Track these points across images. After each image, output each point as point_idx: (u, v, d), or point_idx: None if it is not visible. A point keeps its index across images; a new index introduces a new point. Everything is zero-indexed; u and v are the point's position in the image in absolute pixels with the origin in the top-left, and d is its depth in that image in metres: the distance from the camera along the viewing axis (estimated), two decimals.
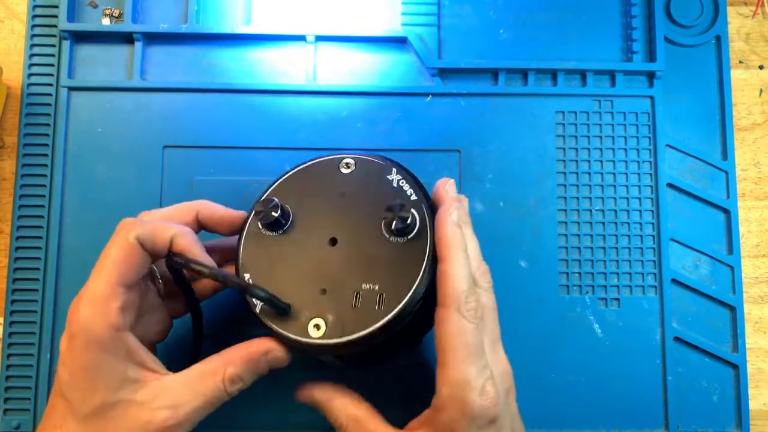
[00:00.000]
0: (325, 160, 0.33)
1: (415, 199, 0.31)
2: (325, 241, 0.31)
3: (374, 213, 0.31)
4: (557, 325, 0.40)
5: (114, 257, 0.28)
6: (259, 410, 0.38)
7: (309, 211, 0.32)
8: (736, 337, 0.40)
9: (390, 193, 0.31)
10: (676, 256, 0.41)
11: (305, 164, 0.33)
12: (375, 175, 0.32)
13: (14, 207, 0.39)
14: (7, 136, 0.42)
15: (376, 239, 0.31)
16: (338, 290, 0.30)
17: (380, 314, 0.29)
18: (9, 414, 0.38)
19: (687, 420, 0.39)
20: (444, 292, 0.28)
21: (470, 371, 0.27)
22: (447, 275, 0.28)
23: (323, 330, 0.29)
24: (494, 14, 0.43)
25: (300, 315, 0.30)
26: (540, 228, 0.40)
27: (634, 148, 0.41)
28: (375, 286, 0.30)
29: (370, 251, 0.31)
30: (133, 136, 0.40)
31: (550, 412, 0.39)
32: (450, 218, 0.29)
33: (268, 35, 0.41)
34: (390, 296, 0.29)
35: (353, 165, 0.33)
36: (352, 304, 0.30)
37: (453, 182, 0.32)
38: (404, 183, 0.32)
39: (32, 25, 0.41)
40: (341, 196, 0.32)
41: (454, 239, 0.29)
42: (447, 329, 0.28)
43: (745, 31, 0.45)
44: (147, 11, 0.42)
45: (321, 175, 0.33)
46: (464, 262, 0.29)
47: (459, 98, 0.41)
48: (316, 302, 0.30)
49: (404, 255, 0.30)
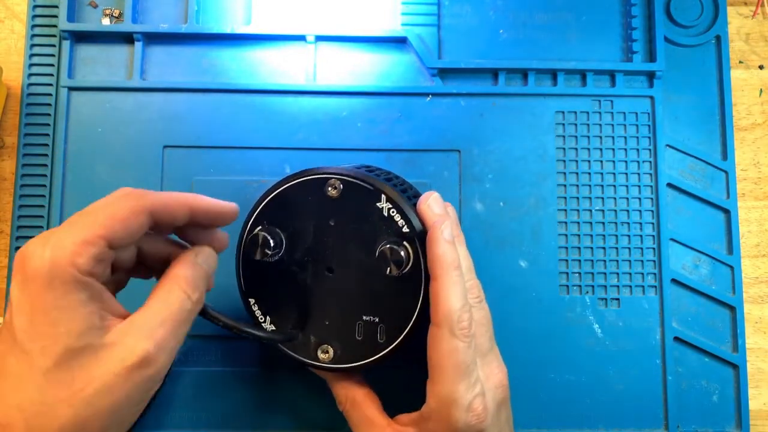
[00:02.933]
0: (310, 179, 0.32)
1: (407, 231, 0.30)
2: (321, 269, 0.32)
3: (367, 244, 0.31)
4: (557, 325, 0.40)
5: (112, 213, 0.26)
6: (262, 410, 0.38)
7: (301, 237, 0.32)
8: (736, 337, 0.40)
9: (381, 226, 0.31)
10: (676, 256, 0.41)
11: (289, 183, 0.32)
12: (364, 203, 0.31)
13: (14, 207, 0.39)
14: (7, 136, 0.42)
15: (372, 271, 0.31)
16: (340, 319, 0.31)
17: (383, 345, 0.31)
18: None
19: (687, 420, 0.39)
20: (436, 311, 0.28)
21: (459, 389, 0.27)
22: (439, 295, 0.28)
23: (331, 355, 0.31)
24: (494, 14, 0.43)
25: (308, 339, 0.32)
26: (540, 228, 0.40)
27: (634, 148, 0.41)
28: (375, 318, 0.31)
29: (367, 284, 0.31)
30: (133, 136, 0.40)
31: (550, 412, 0.39)
32: (442, 237, 0.29)
33: (268, 35, 0.41)
34: (390, 328, 0.31)
35: (340, 187, 0.31)
36: (355, 334, 0.31)
37: (436, 196, 0.31)
38: (394, 212, 0.30)
39: (32, 25, 0.41)
40: (331, 223, 0.31)
41: (446, 258, 0.29)
42: (439, 348, 0.28)
43: (745, 31, 0.45)
44: (147, 11, 0.42)
45: (307, 197, 0.32)
46: (457, 280, 0.29)
47: (459, 98, 0.41)
48: (321, 329, 0.32)
49: (401, 287, 0.30)
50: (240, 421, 0.38)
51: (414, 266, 0.30)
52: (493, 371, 0.30)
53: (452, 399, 0.27)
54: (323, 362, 0.31)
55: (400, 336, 0.30)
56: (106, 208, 0.26)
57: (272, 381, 0.39)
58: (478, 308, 0.30)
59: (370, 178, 0.31)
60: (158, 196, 0.27)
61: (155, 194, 0.27)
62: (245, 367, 0.38)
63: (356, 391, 0.32)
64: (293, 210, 0.32)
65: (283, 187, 0.32)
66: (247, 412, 0.38)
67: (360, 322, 0.31)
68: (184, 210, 0.28)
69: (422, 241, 0.30)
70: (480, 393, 0.28)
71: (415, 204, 0.31)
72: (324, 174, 0.31)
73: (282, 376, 0.38)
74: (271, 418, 0.38)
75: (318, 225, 0.32)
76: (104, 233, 0.25)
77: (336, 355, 0.31)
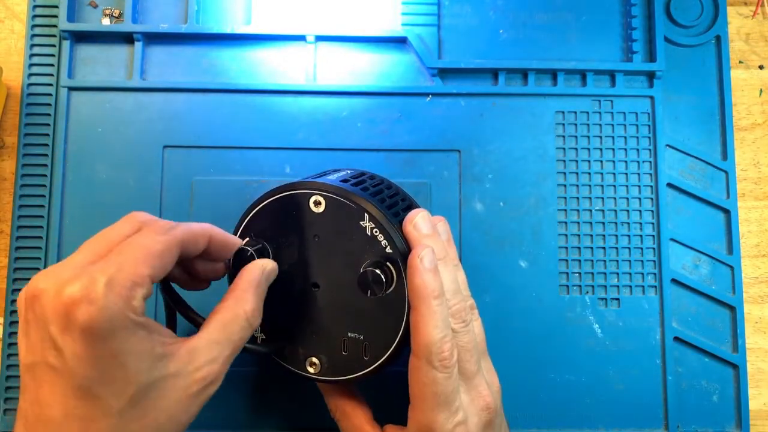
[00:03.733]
0: (294, 194, 0.31)
1: (390, 252, 0.29)
2: (307, 284, 0.32)
3: (350, 262, 0.30)
4: (557, 325, 0.40)
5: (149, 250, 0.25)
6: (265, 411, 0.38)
7: (287, 251, 0.32)
8: (736, 337, 0.40)
9: (364, 244, 0.30)
10: (676, 256, 0.41)
11: (273, 196, 0.32)
12: (347, 221, 0.30)
13: (14, 207, 0.39)
14: (7, 136, 0.42)
15: (356, 289, 0.29)
16: (326, 334, 0.31)
17: (368, 362, 0.31)
18: (9, 414, 0.38)
19: (687, 420, 0.39)
20: (416, 342, 0.28)
21: (438, 419, 0.28)
22: (418, 326, 0.28)
23: (318, 368, 0.32)
24: (494, 14, 0.43)
25: (296, 351, 0.32)
26: (540, 228, 0.40)
27: (634, 148, 0.41)
28: (360, 335, 0.31)
29: (352, 301, 0.31)
30: (133, 136, 0.40)
31: (550, 412, 0.39)
32: (420, 265, 0.28)
33: (268, 35, 0.41)
34: (375, 346, 0.31)
35: (323, 204, 0.30)
36: (341, 349, 0.31)
37: (423, 214, 0.30)
38: (377, 232, 0.30)
39: (32, 25, 0.41)
40: (315, 239, 0.31)
41: (423, 289, 0.28)
42: (418, 378, 0.28)
43: (745, 31, 0.45)
44: (147, 11, 0.42)
45: (291, 211, 0.31)
46: (437, 309, 0.28)
47: (459, 98, 0.41)
48: (308, 342, 0.32)
49: (385, 306, 0.30)
50: (236, 421, 0.38)
51: (397, 287, 0.29)
52: (479, 394, 0.29)
53: (431, 429, 0.27)
54: (311, 374, 0.32)
55: (384, 355, 0.30)
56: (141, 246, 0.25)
57: (269, 382, 0.39)
58: (464, 332, 0.29)
59: (353, 195, 0.30)
60: (186, 228, 0.28)
61: (182, 226, 0.28)
62: (242, 368, 0.38)
63: (346, 401, 0.32)
64: (279, 223, 0.32)
65: (269, 200, 0.32)
66: (243, 413, 0.38)
67: (345, 338, 0.31)
68: (205, 240, 0.29)
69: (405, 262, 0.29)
70: (462, 421, 0.28)
71: (401, 221, 0.30)
72: (308, 189, 0.31)
73: (279, 377, 0.38)
74: (267, 419, 0.38)
75: (303, 240, 0.31)
76: (150, 272, 0.25)
77: (323, 367, 0.31)
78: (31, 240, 0.39)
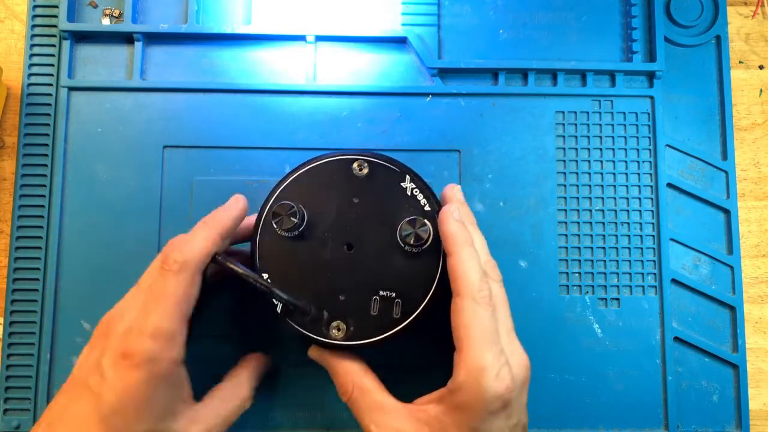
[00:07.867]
0: (334, 160, 0.33)
1: (429, 209, 0.32)
2: (340, 245, 0.32)
3: (388, 221, 0.32)
4: (557, 325, 0.40)
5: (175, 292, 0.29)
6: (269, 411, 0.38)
7: (322, 214, 0.33)
8: (736, 337, 0.40)
9: (404, 203, 0.32)
10: (676, 256, 0.41)
11: (313, 163, 0.33)
12: (389, 182, 0.33)
13: (14, 207, 0.39)
14: (7, 136, 0.42)
15: (392, 247, 0.32)
16: (356, 295, 0.32)
17: (398, 320, 0.31)
18: (9, 414, 0.38)
19: (687, 420, 0.39)
20: (457, 283, 0.29)
21: (486, 357, 0.28)
22: (457, 268, 0.29)
23: (344, 332, 0.32)
24: (494, 14, 0.43)
25: (321, 315, 0.32)
26: (540, 228, 0.40)
27: (634, 148, 0.41)
28: (392, 293, 0.32)
29: (386, 259, 0.32)
30: (133, 136, 0.40)
31: (550, 412, 0.39)
32: (452, 216, 0.31)
33: (268, 35, 0.41)
34: (407, 303, 0.31)
35: (366, 168, 0.33)
36: (370, 309, 0.32)
37: (459, 188, 0.34)
38: (418, 192, 0.33)
39: (32, 25, 0.41)
40: (354, 201, 0.33)
41: (458, 234, 0.30)
42: (463, 317, 0.29)
43: (745, 31, 0.45)
44: (147, 11, 0.42)
45: (331, 176, 0.33)
46: (472, 254, 0.30)
47: (459, 98, 0.41)
48: (335, 305, 0.32)
49: (419, 263, 0.32)
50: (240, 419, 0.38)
51: (433, 243, 0.31)
52: (517, 349, 0.30)
53: (481, 367, 0.28)
54: (335, 339, 0.31)
55: (415, 311, 0.31)
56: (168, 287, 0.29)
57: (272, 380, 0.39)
58: (498, 286, 0.31)
59: (396, 160, 0.33)
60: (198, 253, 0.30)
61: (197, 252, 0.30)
62: None
63: (363, 377, 0.32)
64: (317, 188, 0.33)
65: (309, 166, 0.33)
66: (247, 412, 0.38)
67: (376, 297, 0.32)
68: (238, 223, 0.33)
69: None
70: (506, 363, 0.28)
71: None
72: (351, 155, 0.33)
73: (282, 375, 0.38)
74: (270, 418, 0.38)
75: (341, 203, 0.33)
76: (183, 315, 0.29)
77: (349, 331, 0.31)
78: (31, 240, 0.39)
